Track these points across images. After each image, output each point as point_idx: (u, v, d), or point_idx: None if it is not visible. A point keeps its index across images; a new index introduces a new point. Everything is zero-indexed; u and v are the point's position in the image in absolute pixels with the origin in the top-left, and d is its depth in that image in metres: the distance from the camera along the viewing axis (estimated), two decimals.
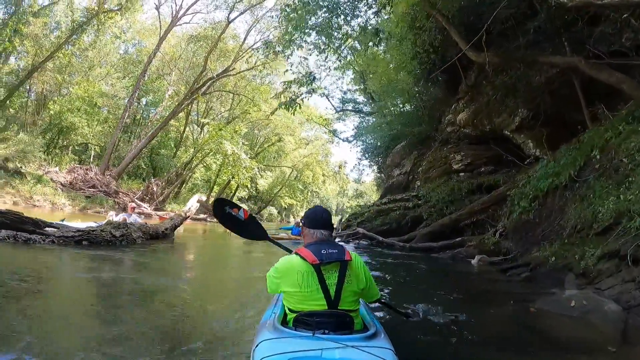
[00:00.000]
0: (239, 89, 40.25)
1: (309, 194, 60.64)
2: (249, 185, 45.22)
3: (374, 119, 28.38)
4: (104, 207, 27.73)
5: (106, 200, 29.94)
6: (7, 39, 30.42)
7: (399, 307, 4.64)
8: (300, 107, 15.78)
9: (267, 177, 56.46)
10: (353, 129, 33.59)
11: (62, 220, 12.21)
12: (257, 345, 2.67)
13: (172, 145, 45.13)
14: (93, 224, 11.62)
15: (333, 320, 2.80)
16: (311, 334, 2.65)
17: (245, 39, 36.07)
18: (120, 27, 37.51)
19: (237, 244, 15.23)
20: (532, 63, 12.24)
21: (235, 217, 4.25)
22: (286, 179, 56.41)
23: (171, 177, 41.85)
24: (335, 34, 15.90)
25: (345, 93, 33.97)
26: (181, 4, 33.98)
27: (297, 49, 16.08)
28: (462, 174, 17.70)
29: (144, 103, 45.74)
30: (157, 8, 35.42)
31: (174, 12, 34.88)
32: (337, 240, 17.48)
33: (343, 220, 25.48)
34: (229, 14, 33.53)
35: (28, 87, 35.53)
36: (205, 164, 41.49)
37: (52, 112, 35.36)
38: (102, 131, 39.94)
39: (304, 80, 15.17)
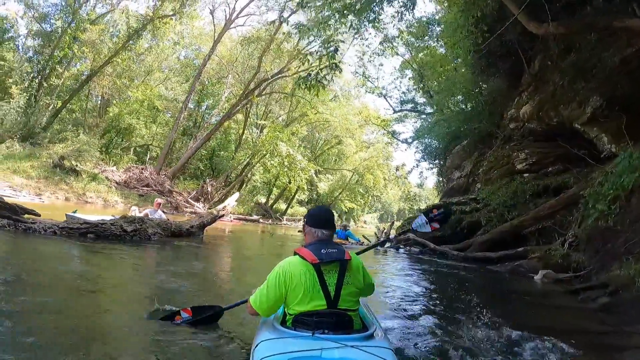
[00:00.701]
0: (296, 91, 38.92)
1: (370, 198, 58.43)
2: (305, 188, 43.84)
3: (433, 119, 26.36)
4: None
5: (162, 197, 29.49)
6: (66, 46, 31.64)
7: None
8: (324, 89, 13.91)
9: (328, 180, 55.21)
10: (412, 130, 31.51)
11: (74, 212, 11.87)
12: (256, 345, 2.63)
13: (232, 148, 44.55)
14: (107, 218, 10.85)
15: (332, 320, 2.76)
16: (310, 334, 2.60)
17: (299, 39, 34.63)
18: (179, 32, 37.79)
19: (271, 245, 13.90)
20: (604, 30, 9.93)
21: (187, 320, 4.13)
22: (347, 182, 54.58)
23: (229, 178, 41.57)
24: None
25: (403, 93, 31.97)
26: (234, 7, 33.21)
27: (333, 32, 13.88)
28: (526, 174, 15.33)
29: (205, 107, 45.59)
30: (212, 12, 35.57)
31: (228, 16, 34.24)
32: (387, 245, 16.59)
33: (398, 225, 23.73)
34: (280, 14, 32.48)
35: (88, 91, 36.26)
36: (264, 166, 40.39)
37: (111, 114, 35.99)
38: (163, 133, 40.17)
39: (326, 52, 12.92)
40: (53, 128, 32.20)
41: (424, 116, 29.26)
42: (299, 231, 16.78)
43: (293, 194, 51.48)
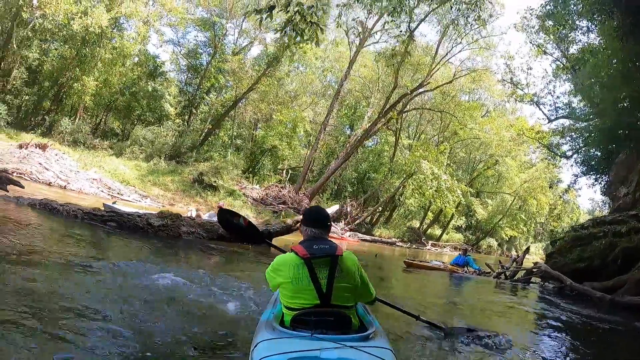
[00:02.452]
0: (446, 107, 35.46)
1: (533, 225, 51.03)
2: (453, 211, 39.62)
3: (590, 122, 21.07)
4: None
5: (293, 216, 28.60)
6: (212, 77, 33.97)
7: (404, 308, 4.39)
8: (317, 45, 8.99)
9: (486, 205, 49.72)
10: (568, 140, 25.69)
11: (114, 204, 11.94)
12: (255, 346, 2.58)
13: (385, 170, 42.18)
14: (142, 212, 10.48)
15: (331, 320, 2.74)
16: (309, 334, 2.56)
17: (437, 50, 31.47)
18: (319, 57, 38.64)
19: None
20: None
21: (237, 225, 4.59)
22: (507, 207, 48.47)
23: (372, 200, 39.38)
24: None
25: (558, 97, 26.41)
26: (366, 25, 31.20)
27: None
28: None
29: (347, 128, 44.32)
30: (347, 33, 33.85)
31: (362, 35, 32.57)
32: (508, 281, 14.17)
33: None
34: (408, 24, 29.75)
35: (234, 115, 37.48)
36: (417, 189, 37.15)
37: (257, 136, 36.93)
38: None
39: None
40: (202, 149, 33.89)
41: (583, 124, 23.58)
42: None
43: (448, 220, 47.63)
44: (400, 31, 27.68)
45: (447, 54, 31.93)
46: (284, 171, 40.24)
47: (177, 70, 38.51)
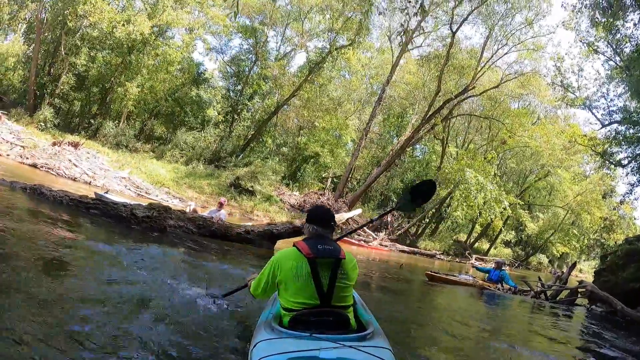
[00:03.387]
0: (493, 113, 33.55)
1: (586, 241, 47.35)
2: (500, 223, 37.50)
3: None
4: None
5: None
6: (254, 83, 34.14)
7: None
8: None
9: (537, 219, 46.68)
10: (624, 147, 23.23)
11: (106, 193, 11.73)
12: (254, 346, 2.58)
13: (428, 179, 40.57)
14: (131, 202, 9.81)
15: (330, 320, 2.76)
16: (308, 334, 2.54)
17: (482, 52, 29.74)
18: (363, 63, 37.63)
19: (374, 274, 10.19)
20: None
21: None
22: (559, 222, 45.27)
23: (418, 211, 37.73)
24: None
25: (611, 100, 24.02)
26: (408, 28, 29.85)
27: None
28: None
29: (394, 137, 43.03)
30: (389, 37, 33.13)
31: (404, 39, 31.33)
32: (549, 301, 12.09)
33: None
34: (450, 25, 28.32)
35: (276, 121, 37.51)
36: (460, 199, 35.26)
37: (299, 143, 36.48)
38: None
39: None
40: (244, 154, 33.78)
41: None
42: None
43: (497, 234, 45.09)
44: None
45: (492, 56, 30.09)
46: (329, 179, 39.42)
47: (221, 77, 38.84)
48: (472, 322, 7.25)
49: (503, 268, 13.14)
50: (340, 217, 12.73)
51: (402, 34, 26.11)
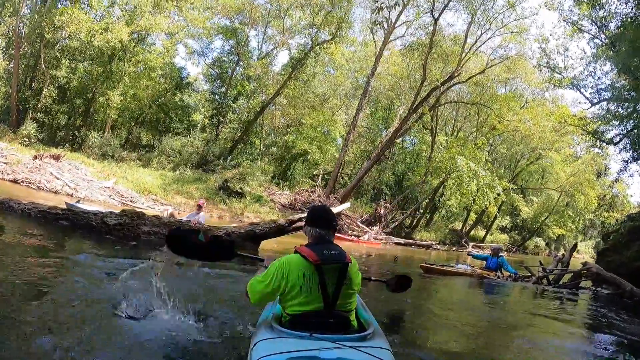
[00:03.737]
0: (481, 100, 33.14)
1: (582, 221, 47.05)
2: (495, 210, 37.09)
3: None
4: None
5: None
6: (238, 84, 33.87)
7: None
8: None
9: (531, 202, 46.39)
10: (615, 125, 22.85)
11: (77, 202, 11.16)
12: (254, 345, 2.54)
13: (419, 169, 40.05)
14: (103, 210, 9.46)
15: (330, 320, 2.70)
16: (308, 334, 2.50)
17: (466, 38, 29.33)
18: (350, 59, 37.59)
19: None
20: None
21: (196, 245, 3.73)
22: (553, 204, 45.06)
23: (411, 202, 37.31)
24: None
25: (599, 78, 23.59)
26: (389, 18, 29.46)
27: None
28: None
29: (383, 130, 42.54)
30: (371, 30, 32.42)
31: (386, 30, 31.03)
32: (552, 286, 11.63)
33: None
34: (431, 12, 27.91)
35: (262, 121, 36.81)
36: (453, 188, 34.79)
37: (287, 141, 35.83)
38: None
39: None
40: (234, 155, 33.41)
41: (630, 105, 20.80)
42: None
43: (492, 220, 44.80)
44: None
45: (476, 41, 29.60)
46: (319, 177, 38.89)
47: (205, 80, 38.29)
48: (473, 314, 6.86)
49: (500, 254, 12.35)
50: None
51: (382, 22, 25.72)
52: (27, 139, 25.09)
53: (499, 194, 31.26)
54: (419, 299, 7.27)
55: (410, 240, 29.82)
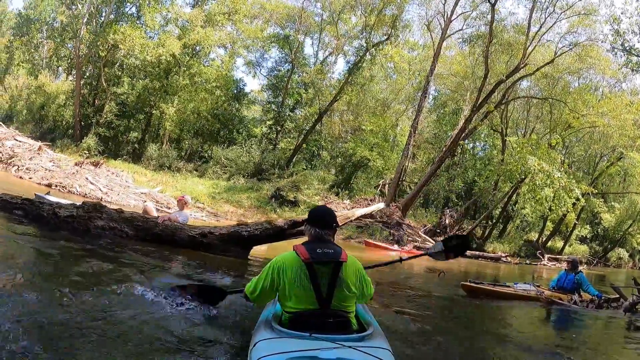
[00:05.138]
0: (551, 93, 29.93)
1: None
2: (573, 217, 32.86)
3: None
4: (373, 237, 24.28)
5: (380, 231, 24.95)
6: (295, 92, 33.01)
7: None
8: None
9: (614, 209, 41.05)
10: None
11: (47, 194, 10.05)
12: (254, 345, 2.49)
13: (488, 174, 36.41)
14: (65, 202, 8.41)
15: (330, 321, 2.64)
16: (308, 334, 2.45)
17: (529, 25, 25.89)
18: (411, 61, 35.21)
19: None
20: None
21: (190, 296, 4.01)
22: (637, 210, 39.57)
23: (482, 211, 33.87)
24: None
25: None
26: (446, 12, 27.15)
27: None
28: None
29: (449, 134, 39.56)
30: (428, 26, 30.24)
31: (443, 25, 28.58)
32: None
33: None
34: None
35: (320, 128, 35.34)
36: (527, 194, 30.96)
37: (347, 149, 33.81)
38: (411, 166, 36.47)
39: None
40: (293, 165, 32.08)
41: None
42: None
43: (571, 229, 39.66)
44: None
45: (540, 27, 26.07)
46: (385, 186, 36.41)
47: (262, 90, 37.55)
48: None
49: (579, 269, 8.79)
50: (350, 214, 9.79)
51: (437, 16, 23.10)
52: (87, 152, 25.22)
53: (578, 199, 27.06)
54: (453, 333, 5.09)
55: (477, 252, 26.51)
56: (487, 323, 6.51)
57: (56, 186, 16.51)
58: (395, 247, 21.30)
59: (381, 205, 12.77)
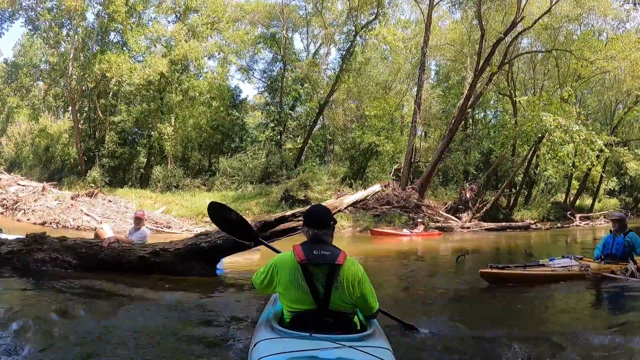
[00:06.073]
0: (554, 44, 28.36)
1: None
2: (602, 172, 31.13)
3: None
4: (391, 225, 22.10)
5: (399, 216, 23.28)
6: (291, 89, 31.73)
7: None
8: None
9: (638, 156, 38.63)
10: None
11: None
12: (254, 345, 2.45)
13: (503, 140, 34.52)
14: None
15: (330, 321, 2.57)
16: (308, 334, 2.38)
17: None
18: (405, 39, 32.70)
19: None
20: None
21: (227, 218, 4.41)
22: None
23: (503, 180, 32.06)
24: None
25: None
26: None
27: None
28: None
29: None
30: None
31: None
32: None
33: None
34: None
35: (323, 122, 34.47)
36: (547, 154, 28.96)
37: (353, 138, 32.68)
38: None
39: None
40: (301, 163, 31.10)
41: None
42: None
43: (598, 184, 37.86)
44: None
45: None
46: (401, 169, 34.91)
47: (260, 94, 36.53)
48: None
49: (628, 229, 6.86)
50: (337, 203, 8.52)
51: None
52: (93, 185, 24.41)
53: (601, 150, 25.05)
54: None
55: (504, 224, 24.73)
56: (510, 315, 5.13)
57: (50, 223, 15.95)
58: (405, 231, 19.51)
59: (377, 187, 11.53)
